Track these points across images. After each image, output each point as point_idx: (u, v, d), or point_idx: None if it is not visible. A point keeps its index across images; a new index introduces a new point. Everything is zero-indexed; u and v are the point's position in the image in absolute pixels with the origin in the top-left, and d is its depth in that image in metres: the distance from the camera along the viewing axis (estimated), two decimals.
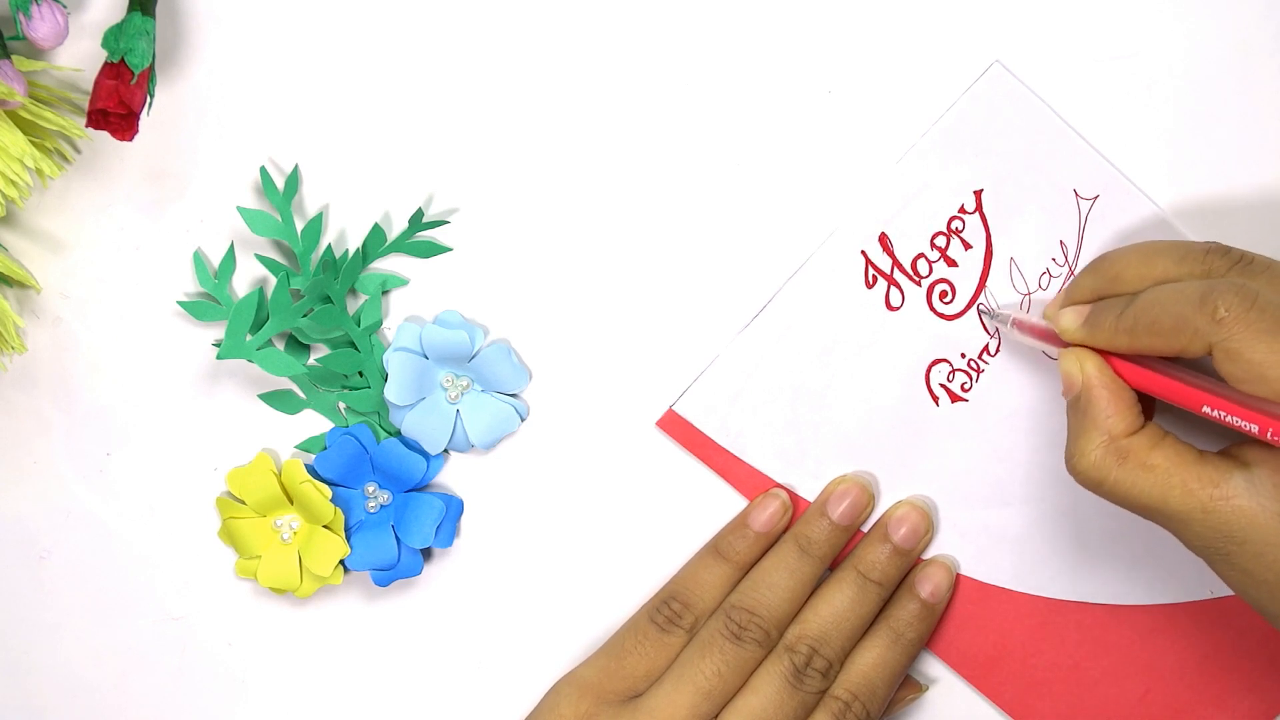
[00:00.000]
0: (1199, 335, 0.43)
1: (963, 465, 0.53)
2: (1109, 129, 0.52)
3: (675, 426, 0.53)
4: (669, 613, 0.52)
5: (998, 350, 0.53)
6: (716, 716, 0.50)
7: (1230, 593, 0.53)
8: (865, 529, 0.53)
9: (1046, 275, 0.53)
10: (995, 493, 0.54)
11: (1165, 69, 0.52)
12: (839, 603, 0.51)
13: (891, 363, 0.53)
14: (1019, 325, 0.51)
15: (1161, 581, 0.54)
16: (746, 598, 0.51)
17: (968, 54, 0.52)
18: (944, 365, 0.53)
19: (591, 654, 0.53)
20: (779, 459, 0.53)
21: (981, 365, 0.53)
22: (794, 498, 0.53)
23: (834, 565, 0.53)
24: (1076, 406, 0.47)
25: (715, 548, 0.53)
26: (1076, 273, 0.51)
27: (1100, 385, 0.46)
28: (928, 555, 0.54)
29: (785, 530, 0.53)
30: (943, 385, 0.53)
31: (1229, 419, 0.44)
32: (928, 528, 0.53)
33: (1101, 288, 0.48)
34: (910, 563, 0.53)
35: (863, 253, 0.53)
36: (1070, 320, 0.48)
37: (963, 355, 0.53)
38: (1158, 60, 0.52)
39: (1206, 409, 0.44)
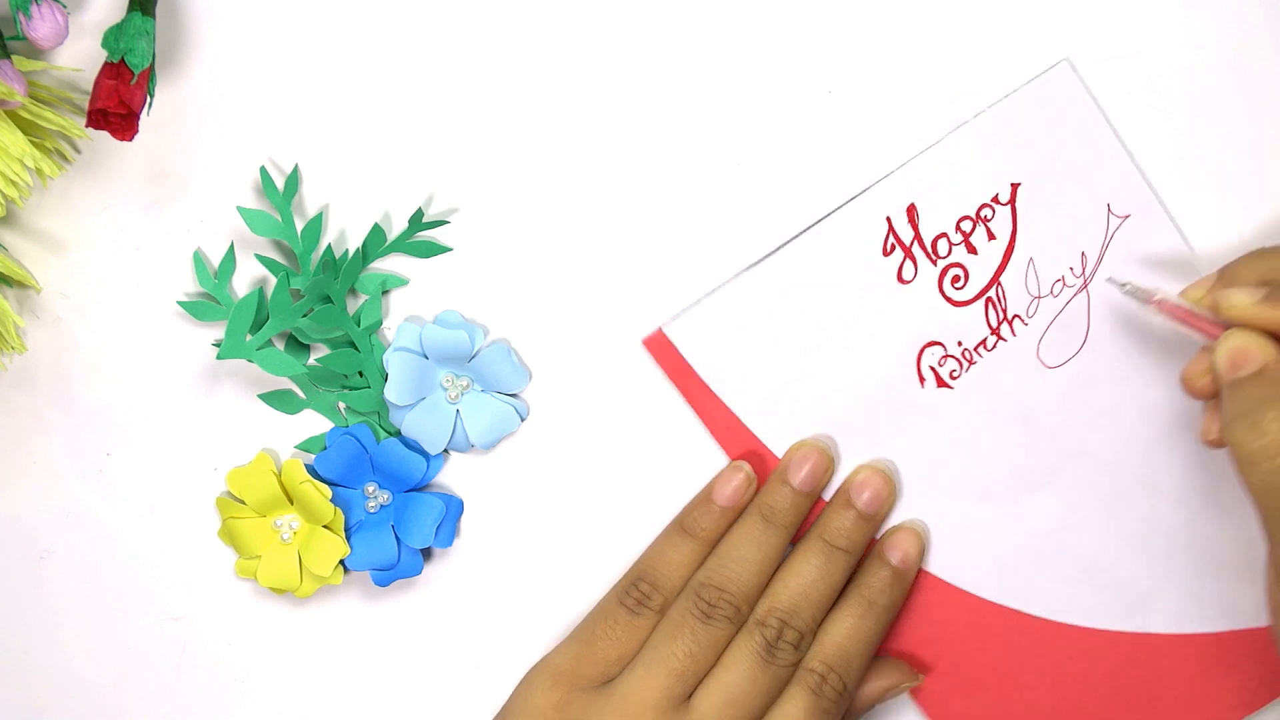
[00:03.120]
0: None
1: (930, 450, 0.53)
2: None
3: (660, 349, 0.53)
4: (637, 595, 0.52)
5: (994, 347, 0.53)
6: (690, 695, 0.50)
7: (1158, 630, 0.54)
8: (828, 497, 0.53)
9: (1060, 283, 0.52)
10: (953, 483, 0.53)
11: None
12: (806, 573, 0.51)
13: (888, 335, 0.53)
14: (1163, 306, 0.49)
15: (1095, 605, 0.54)
16: (715, 574, 0.51)
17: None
18: (938, 349, 0.53)
19: (562, 640, 0.53)
20: (755, 406, 0.53)
21: (975, 357, 0.53)
22: (761, 452, 0.53)
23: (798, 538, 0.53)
24: (1256, 380, 0.45)
25: (680, 525, 0.53)
26: (1239, 258, 0.49)
27: None
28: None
29: (750, 504, 0.53)
30: (932, 368, 0.53)
31: None
32: (890, 491, 0.53)
33: (1267, 274, 0.47)
34: (875, 528, 0.53)
35: (888, 219, 0.52)
36: (1244, 297, 0.47)
37: (959, 343, 0.53)
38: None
39: None
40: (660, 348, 0.53)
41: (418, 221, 0.52)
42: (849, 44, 0.52)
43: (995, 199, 0.52)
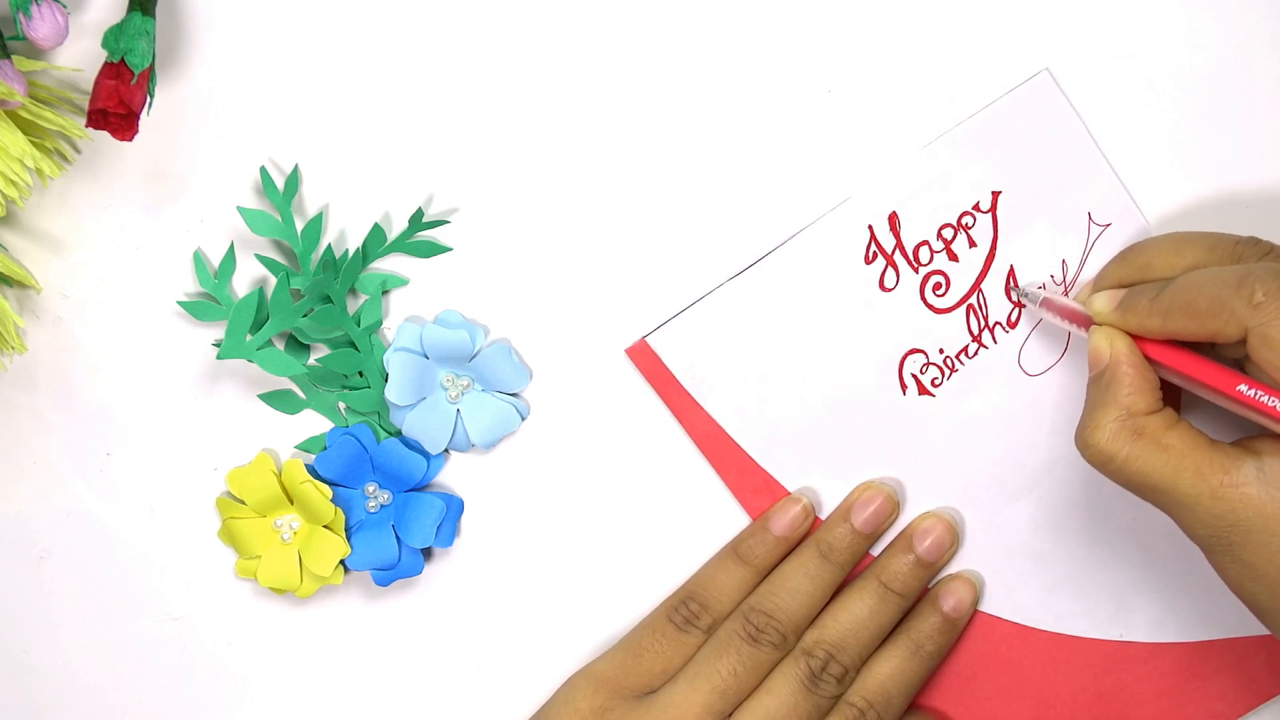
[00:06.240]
0: (1235, 318, 0.43)
1: (911, 458, 0.53)
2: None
3: (643, 358, 0.53)
4: (686, 613, 0.52)
5: (976, 354, 0.53)
6: (730, 715, 0.50)
7: (1137, 639, 0.54)
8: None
9: (1042, 291, 0.52)
10: (934, 491, 0.53)
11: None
12: (858, 610, 0.51)
13: (870, 343, 0.53)
14: (1048, 305, 0.51)
15: (1072, 613, 0.54)
16: (765, 601, 0.51)
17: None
18: (920, 356, 0.53)
19: (608, 649, 0.53)
20: (737, 415, 0.53)
21: (957, 365, 0.53)
22: (746, 463, 0.53)
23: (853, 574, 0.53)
24: (1099, 382, 0.47)
25: (734, 550, 0.53)
26: (1107, 261, 0.50)
27: (1127, 362, 0.46)
28: (952, 568, 0.54)
29: (806, 536, 0.53)
30: (914, 375, 0.53)
31: (1263, 399, 0.44)
32: (953, 540, 0.53)
33: (1130, 276, 0.48)
34: (932, 574, 0.53)
35: (869, 227, 0.52)
36: (1104, 303, 0.48)
37: (940, 351, 0.53)
38: (1162, 64, 0.52)
39: (1242, 388, 0.44)
40: (643, 357, 0.53)
41: (418, 221, 0.52)
42: (843, 50, 0.52)
43: (976, 207, 0.52)
